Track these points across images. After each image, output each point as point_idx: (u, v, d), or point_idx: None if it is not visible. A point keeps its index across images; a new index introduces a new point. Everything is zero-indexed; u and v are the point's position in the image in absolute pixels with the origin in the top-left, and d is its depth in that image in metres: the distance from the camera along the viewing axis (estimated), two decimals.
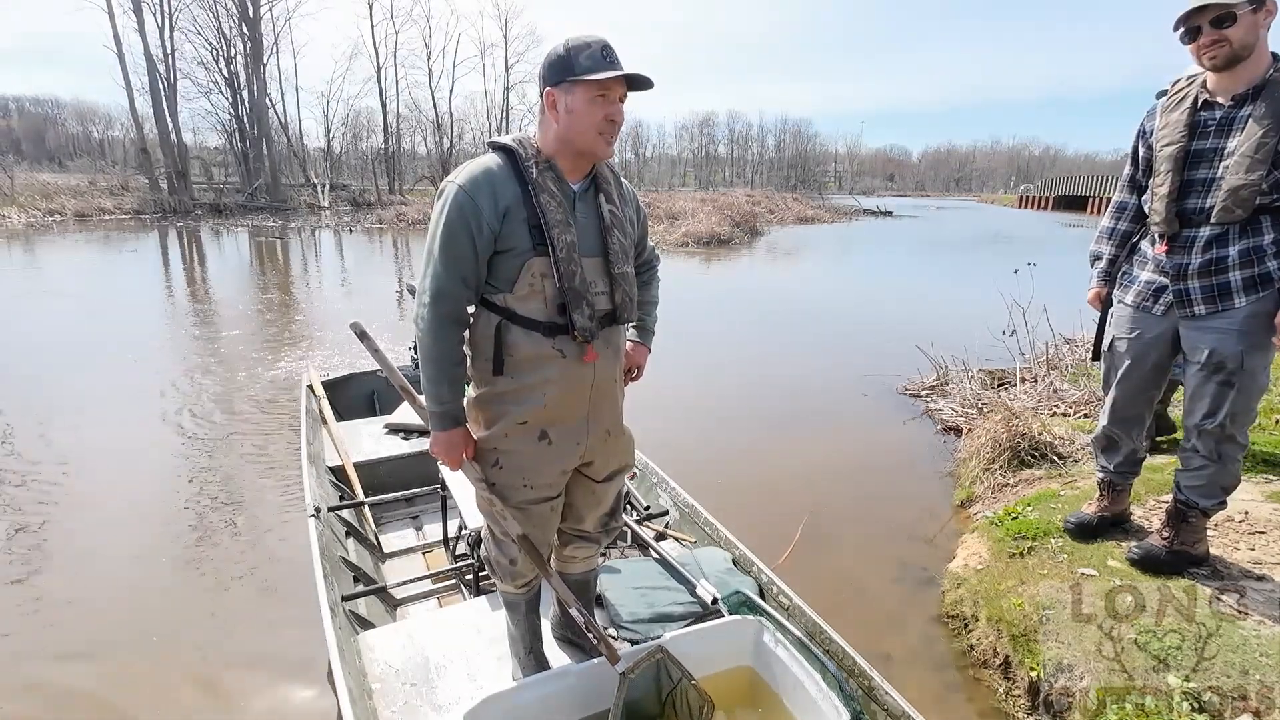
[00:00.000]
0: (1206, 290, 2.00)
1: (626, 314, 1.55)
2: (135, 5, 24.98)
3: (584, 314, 1.44)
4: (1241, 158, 1.88)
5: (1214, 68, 1.94)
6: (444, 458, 1.56)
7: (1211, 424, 2.05)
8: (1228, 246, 1.96)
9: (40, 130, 58.19)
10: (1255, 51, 1.89)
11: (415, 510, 3.12)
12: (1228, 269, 1.96)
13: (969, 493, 3.53)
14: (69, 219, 21.43)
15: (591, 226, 1.49)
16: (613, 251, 1.50)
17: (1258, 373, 2.00)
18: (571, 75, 1.37)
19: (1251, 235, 1.93)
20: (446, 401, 1.50)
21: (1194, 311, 2.03)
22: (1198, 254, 2.00)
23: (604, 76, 1.36)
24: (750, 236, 20.41)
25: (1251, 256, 1.93)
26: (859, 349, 6.99)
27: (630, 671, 1.58)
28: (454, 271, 1.41)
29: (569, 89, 1.38)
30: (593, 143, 1.42)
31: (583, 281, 1.44)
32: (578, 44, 1.38)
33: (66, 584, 2.80)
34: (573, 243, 1.43)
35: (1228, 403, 2.01)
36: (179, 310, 8.70)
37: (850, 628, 2.13)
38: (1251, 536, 2.46)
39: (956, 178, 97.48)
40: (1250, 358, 1.97)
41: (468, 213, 1.38)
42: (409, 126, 38.07)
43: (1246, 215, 1.90)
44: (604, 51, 1.37)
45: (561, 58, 1.38)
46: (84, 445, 4.19)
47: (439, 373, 1.48)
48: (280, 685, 2.26)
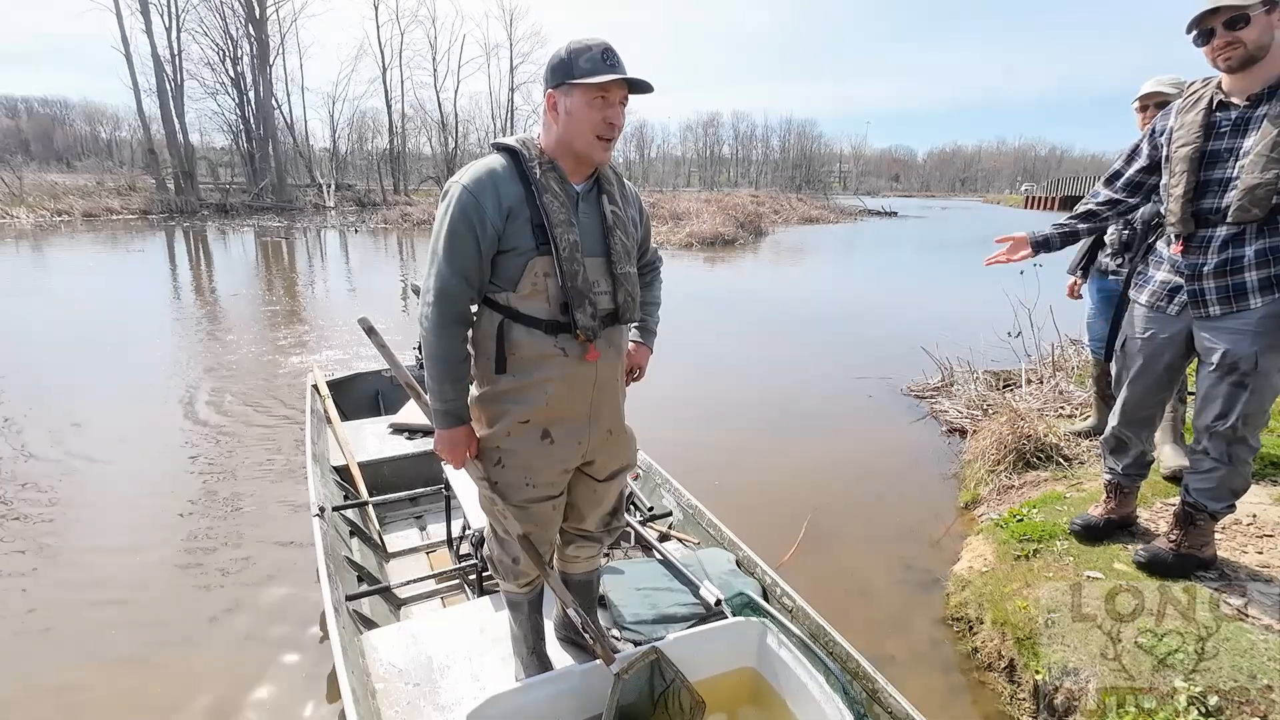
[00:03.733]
0: (1222, 290, 1.98)
1: (629, 314, 1.56)
2: (143, 6, 25.15)
3: (586, 313, 1.45)
4: (1257, 157, 1.86)
5: (1229, 69, 1.92)
6: (447, 456, 1.56)
7: (1223, 425, 2.03)
8: (1244, 246, 1.94)
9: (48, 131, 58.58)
10: (1270, 52, 1.87)
11: (419, 510, 3.12)
12: (1244, 269, 1.94)
13: (974, 495, 3.52)
14: (76, 219, 21.56)
15: (594, 227, 1.50)
16: (615, 251, 1.51)
17: (1272, 375, 1.98)
18: (571, 78, 1.38)
19: (1269, 235, 1.91)
20: (450, 400, 1.51)
21: (1209, 312, 2.01)
22: (1213, 254, 1.98)
23: (601, 80, 1.37)
24: (754, 237, 20.39)
25: (1269, 257, 1.91)
26: (863, 350, 6.97)
27: (624, 672, 1.58)
28: (458, 270, 1.42)
29: (568, 91, 1.39)
30: (590, 146, 1.43)
31: (585, 281, 1.45)
32: (579, 47, 1.39)
33: (66, 583, 2.81)
34: (576, 242, 1.44)
35: (1240, 404, 1.99)
36: (185, 310, 8.74)
37: (854, 629, 2.13)
38: (1260, 540, 2.44)
39: (962, 178, 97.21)
40: (1265, 359, 1.95)
41: (471, 212, 1.39)
42: (414, 127, 38.29)
43: (1263, 215, 1.88)
44: (605, 55, 1.38)
45: (563, 60, 1.39)
46: (88, 443, 4.21)
47: (443, 371, 1.49)
48: (283, 684, 2.27)
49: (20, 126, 54.70)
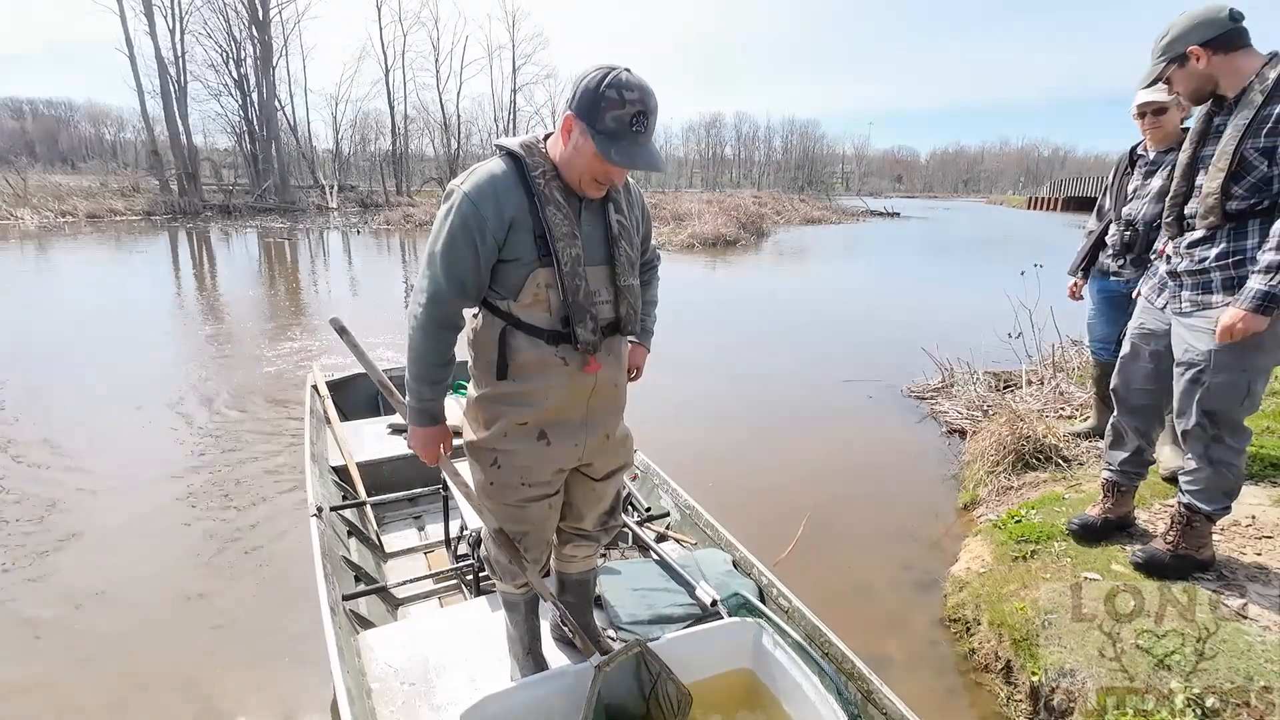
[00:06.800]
0: (1193, 289, 2.08)
1: (630, 326, 1.55)
2: (147, 8, 25.24)
3: (587, 327, 1.44)
4: (1212, 165, 1.97)
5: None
6: (420, 453, 1.59)
7: (1189, 424, 2.09)
8: (1211, 248, 2.02)
9: (53, 132, 58.80)
10: (1228, 68, 1.93)
11: (418, 510, 3.13)
12: (1209, 270, 2.03)
13: (973, 495, 3.51)
14: (81, 220, 21.64)
15: (598, 236, 1.48)
16: (619, 263, 1.49)
17: (1232, 373, 2.00)
18: (592, 126, 1.31)
19: (1234, 239, 1.98)
20: (427, 400, 1.53)
21: (1181, 309, 2.12)
22: (1187, 255, 2.08)
23: (613, 165, 1.32)
24: (756, 238, 20.37)
25: (1229, 259, 1.98)
26: (864, 350, 6.97)
27: (606, 665, 1.58)
28: (453, 277, 1.41)
29: (585, 131, 1.33)
30: (584, 185, 1.41)
31: (586, 294, 1.44)
32: (613, 97, 1.28)
33: (59, 581, 2.82)
34: (578, 256, 1.41)
35: (1195, 402, 2.05)
36: (187, 310, 8.76)
37: (852, 630, 2.12)
38: (1259, 541, 2.43)
39: (965, 179, 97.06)
40: (1219, 356, 1.99)
41: (472, 222, 1.37)
42: (417, 128, 38.37)
43: (1218, 221, 1.96)
44: (634, 121, 1.30)
45: (593, 100, 1.30)
46: (89, 441, 4.23)
47: (424, 372, 1.49)
48: (279, 684, 2.28)
49: (26, 128, 54.88)
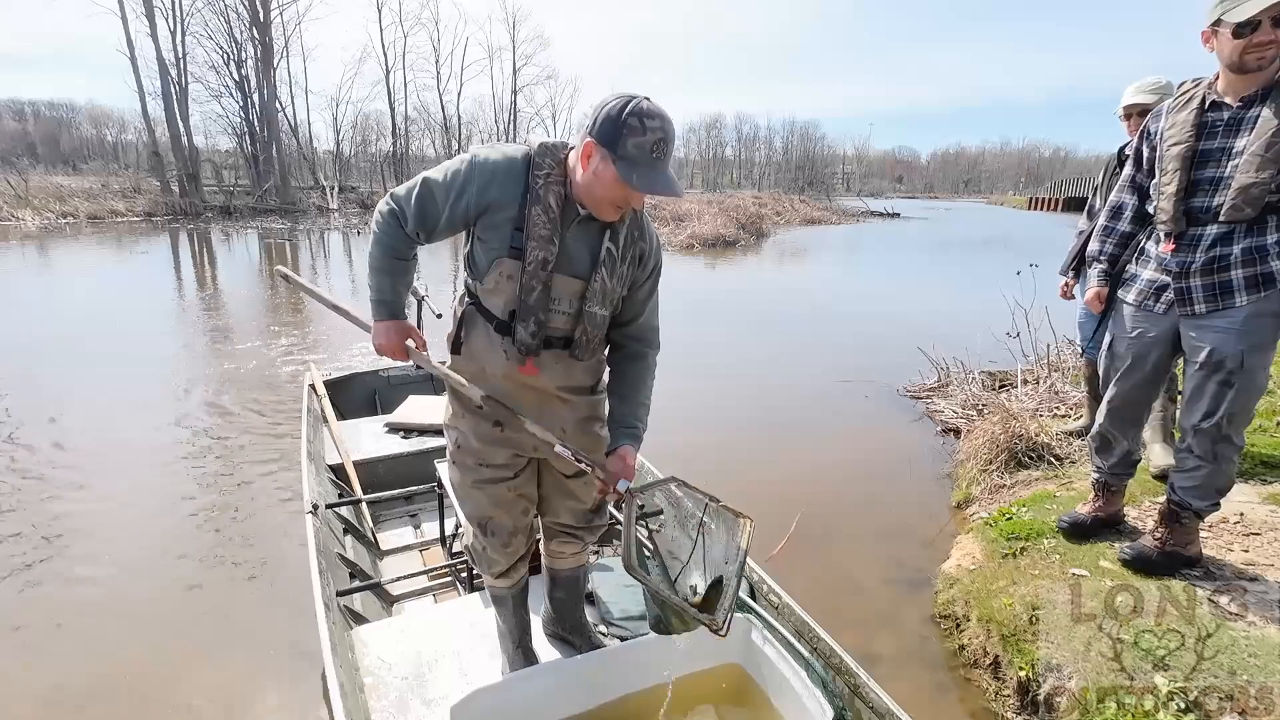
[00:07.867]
0: (1209, 288, 2.00)
1: (582, 353, 1.53)
2: (148, 10, 25.25)
3: (528, 329, 1.45)
4: (1252, 156, 1.88)
5: (1257, 67, 1.87)
6: (384, 348, 1.60)
7: (1209, 424, 2.05)
8: (1232, 245, 1.96)
9: (55, 133, 58.81)
10: None
11: (414, 508, 3.15)
12: (1230, 267, 1.96)
13: (966, 494, 3.53)
14: (82, 221, 21.67)
15: (584, 253, 1.46)
16: (592, 288, 1.46)
17: (1257, 373, 2.00)
18: (613, 152, 1.31)
19: (1256, 234, 1.94)
20: (385, 291, 1.56)
21: (1195, 310, 2.04)
22: (1202, 252, 2.00)
23: (634, 190, 1.32)
24: (756, 239, 20.38)
25: (1254, 255, 1.93)
26: (860, 350, 6.99)
27: (638, 490, 1.56)
28: (418, 211, 1.46)
29: (605, 157, 1.32)
30: (601, 210, 1.40)
31: (542, 299, 1.43)
32: (635, 125, 1.29)
33: (56, 578, 2.84)
34: (545, 259, 1.41)
35: (1226, 403, 2.01)
36: (187, 310, 8.79)
37: (844, 626, 2.14)
38: (1246, 538, 2.45)
39: (965, 179, 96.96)
40: (1250, 357, 1.97)
41: (462, 178, 1.42)
42: (417, 129, 38.44)
43: (1255, 214, 1.91)
44: (655, 149, 1.30)
45: (614, 126, 1.30)
46: (88, 440, 4.25)
47: (377, 262, 1.53)
48: (273, 679, 2.30)
49: (27, 129, 54.95)
